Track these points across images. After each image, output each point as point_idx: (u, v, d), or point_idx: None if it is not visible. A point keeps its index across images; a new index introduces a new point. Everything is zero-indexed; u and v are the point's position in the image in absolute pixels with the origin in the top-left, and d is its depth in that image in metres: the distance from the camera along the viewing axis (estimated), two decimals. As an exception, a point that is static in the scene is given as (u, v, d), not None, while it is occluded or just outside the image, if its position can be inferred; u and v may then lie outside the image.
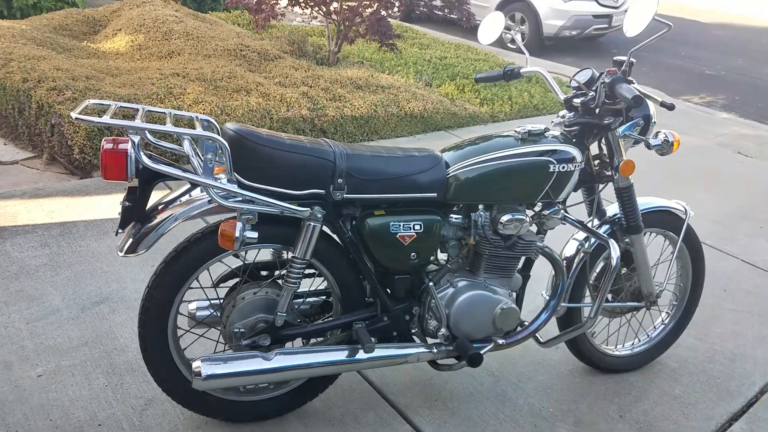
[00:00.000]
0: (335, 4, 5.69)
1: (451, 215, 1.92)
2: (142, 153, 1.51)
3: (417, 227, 1.82)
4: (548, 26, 8.34)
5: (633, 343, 2.43)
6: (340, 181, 1.71)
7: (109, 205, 3.29)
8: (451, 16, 6.03)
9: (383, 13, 5.67)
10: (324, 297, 2.03)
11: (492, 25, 2.21)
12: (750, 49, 10.37)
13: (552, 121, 2.06)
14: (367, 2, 5.57)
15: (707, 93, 7.71)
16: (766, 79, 8.49)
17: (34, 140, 3.92)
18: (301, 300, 2.00)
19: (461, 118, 5.25)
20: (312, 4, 5.65)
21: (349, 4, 5.60)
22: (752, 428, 2.18)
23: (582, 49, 9.11)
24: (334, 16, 5.74)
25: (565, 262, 2.13)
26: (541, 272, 2.18)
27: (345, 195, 1.73)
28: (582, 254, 2.13)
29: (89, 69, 4.39)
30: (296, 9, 5.82)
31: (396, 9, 5.98)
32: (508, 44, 8.49)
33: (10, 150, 3.94)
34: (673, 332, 2.44)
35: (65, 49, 5.00)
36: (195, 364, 1.73)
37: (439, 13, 6.08)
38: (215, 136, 1.54)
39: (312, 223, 1.71)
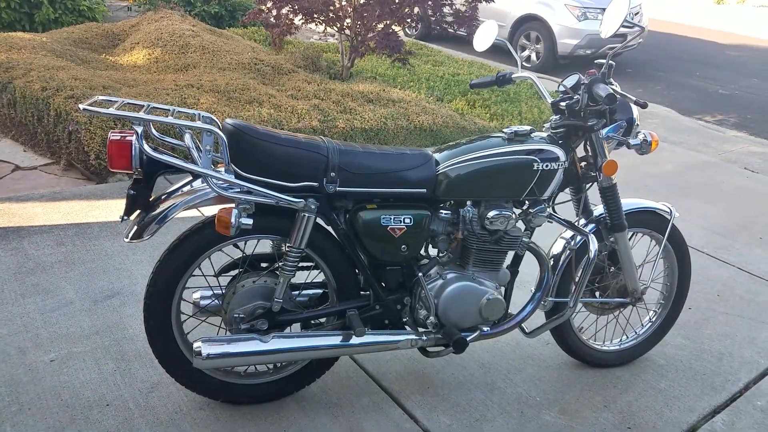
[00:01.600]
0: (348, 20, 5.87)
1: (441, 210, 2.02)
2: (145, 144, 1.64)
3: (407, 221, 1.93)
4: (563, 45, 8.43)
5: (621, 340, 2.51)
6: (332, 174, 1.82)
7: (122, 208, 3.44)
8: (461, 32, 6.15)
9: (394, 28, 5.83)
10: (321, 289, 2.14)
11: (486, 34, 2.34)
12: (765, 70, 10.36)
13: (543, 126, 2.17)
14: (380, 19, 5.74)
15: (720, 112, 7.74)
16: (779, 99, 8.51)
17: (52, 147, 4.10)
18: (299, 292, 2.11)
19: (470, 132, 5.35)
20: (324, 19, 5.83)
21: (364, 23, 5.77)
22: (733, 420, 2.24)
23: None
24: (347, 32, 5.91)
25: (552, 259, 2.22)
26: (536, 271, 2.27)
27: (338, 188, 1.84)
28: (568, 251, 2.21)
29: (107, 80, 4.58)
30: (312, 26, 6.00)
31: (413, 26, 6.14)
32: (524, 62, 8.63)
33: (30, 156, 4.12)
34: (661, 330, 2.51)
35: (84, 61, 5.22)
36: (196, 345, 1.85)
37: (450, 30, 6.21)
38: (213, 128, 1.67)
39: (306, 214, 1.82)
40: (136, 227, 1.77)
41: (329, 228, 1.94)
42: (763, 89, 9.01)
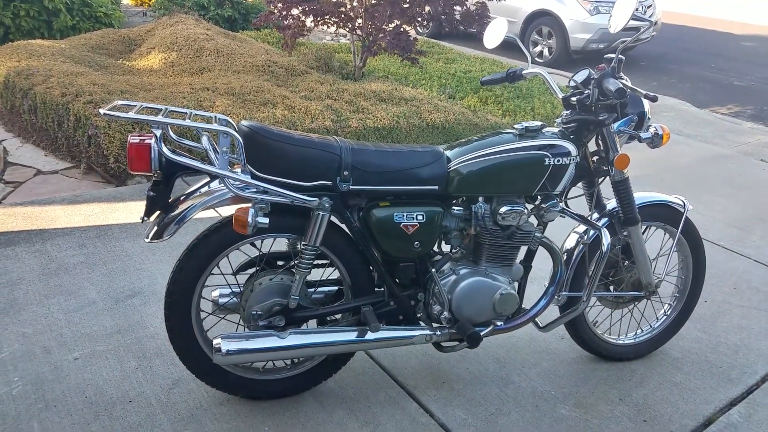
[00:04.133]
0: (359, 21, 5.91)
1: (453, 207, 2.04)
2: (164, 146, 1.69)
3: (420, 218, 1.95)
4: (575, 40, 8.39)
5: (636, 333, 2.51)
6: (345, 173, 1.86)
7: (141, 210, 3.49)
8: (471, 30, 6.16)
9: (405, 28, 5.86)
10: (336, 286, 2.17)
11: (495, 31, 2.35)
12: (782, 61, 10.25)
13: (554, 122, 2.18)
14: (391, 19, 5.76)
15: (735, 103, 7.65)
16: (797, 89, 8.40)
17: (72, 151, 4.19)
18: (314, 289, 2.14)
19: (483, 129, 5.35)
20: (336, 20, 5.87)
21: (375, 23, 5.80)
22: (750, 413, 2.24)
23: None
24: (358, 32, 5.95)
25: (565, 253, 2.24)
26: (548, 266, 2.28)
27: (351, 186, 1.87)
28: (581, 246, 2.23)
29: (124, 84, 4.66)
30: (324, 27, 6.04)
31: (424, 25, 6.16)
32: (536, 58, 8.61)
33: (51, 161, 4.21)
34: (676, 323, 2.51)
35: (102, 67, 5.32)
36: (215, 341, 1.89)
37: (461, 28, 6.22)
38: (230, 130, 1.72)
39: (320, 213, 1.85)
40: (156, 228, 1.82)
41: (343, 226, 1.97)
42: (781, 80, 8.89)
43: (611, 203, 2.27)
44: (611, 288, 2.39)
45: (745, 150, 5.48)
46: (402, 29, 5.79)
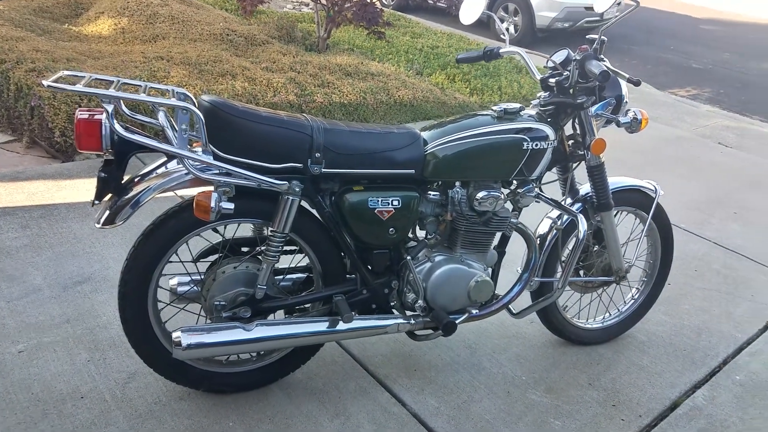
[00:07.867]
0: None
1: (429, 192, 1.96)
2: (116, 123, 1.53)
3: (395, 203, 1.86)
4: (541, 18, 8.37)
5: (604, 317, 2.51)
6: (317, 155, 1.74)
7: (91, 188, 3.30)
8: (440, 4, 6.05)
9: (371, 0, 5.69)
10: (306, 274, 2.07)
11: (472, 6, 2.25)
12: (737, 44, 10.45)
13: (531, 103, 2.11)
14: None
15: (693, 86, 7.78)
16: (751, 73, 8.58)
17: (13, 123, 3.91)
18: (282, 277, 2.03)
19: (451, 108, 5.27)
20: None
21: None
22: (713, 395, 2.28)
23: (575, 41, 9.19)
24: (323, 1, 5.74)
25: (538, 238, 2.19)
26: (520, 251, 2.24)
27: (323, 169, 1.76)
28: (554, 231, 2.18)
29: (70, 51, 4.37)
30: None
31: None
32: (501, 35, 8.55)
33: (-10, 133, 3.93)
34: (643, 307, 2.53)
35: (45, 32, 4.98)
36: (175, 335, 1.77)
37: (430, 1, 6.09)
38: (190, 106, 1.57)
39: (290, 197, 1.74)
40: (108, 212, 1.67)
41: (314, 211, 1.86)
42: (736, 63, 9.10)
43: (584, 188, 2.23)
44: (581, 273, 2.37)
45: (703, 133, 5.57)
46: (368, 0, 5.62)
